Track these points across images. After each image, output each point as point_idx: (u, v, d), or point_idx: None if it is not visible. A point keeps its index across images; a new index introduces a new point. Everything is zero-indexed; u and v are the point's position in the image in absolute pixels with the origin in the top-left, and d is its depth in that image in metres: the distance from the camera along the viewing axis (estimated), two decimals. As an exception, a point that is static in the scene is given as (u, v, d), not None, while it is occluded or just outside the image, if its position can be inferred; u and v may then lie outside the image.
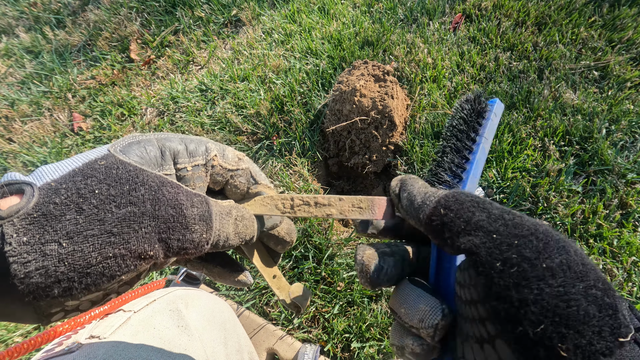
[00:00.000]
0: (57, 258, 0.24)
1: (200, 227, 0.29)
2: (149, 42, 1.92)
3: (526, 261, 0.21)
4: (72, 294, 0.25)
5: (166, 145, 0.33)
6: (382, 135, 1.23)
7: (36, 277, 0.23)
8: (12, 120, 1.80)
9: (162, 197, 0.28)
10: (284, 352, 0.92)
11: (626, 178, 1.06)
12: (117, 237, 0.25)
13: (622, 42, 1.31)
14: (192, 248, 0.29)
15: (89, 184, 0.26)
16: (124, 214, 0.26)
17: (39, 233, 0.24)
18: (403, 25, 1.56)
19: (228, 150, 0.37)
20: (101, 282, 0.25)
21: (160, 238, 0.27)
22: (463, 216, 0.25)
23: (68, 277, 0.24)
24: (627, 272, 0.95)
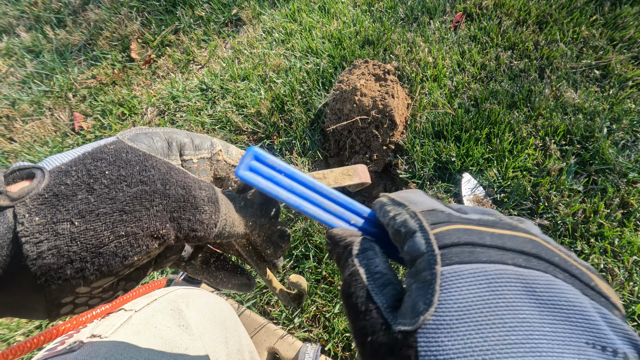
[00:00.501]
0: (69, 237, 0.23)
1: (210, 208, 0.29)
2: (150, 42, 1.92)
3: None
4: (84, 276, 0.24)
5: (173, 137, 0.33)
6: (383, 134, 1.23)
7: (49, 257, 0.23)
8: (13, 120, 1.80)
9: (172, 178, 0.28)
10: (285, 351, 0.92)
11: (627, 177, 1.06)
12: (129, 215, 0.25)
13: (624, 40, 1.31)
14: (201, 230, 0.29)
15: (99, 165, 0.26)
16: (136, 192, 0.26)
17: (51, 213, 0.23)
18: (404, 24, 1.55)
19: (232, 147, 0.38)
20: (114, 262, 0.25)
21: (172, 217, 0.27)
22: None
23: (80, 256, 0.24)
24: (629, 272, 0.95)
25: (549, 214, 1.05)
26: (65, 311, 0.27)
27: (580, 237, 1.01)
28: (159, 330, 0.59)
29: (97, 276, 0.25)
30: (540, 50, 1.34)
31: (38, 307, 0.26)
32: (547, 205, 1.06)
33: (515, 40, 1.38)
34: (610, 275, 0.95)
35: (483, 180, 1.14)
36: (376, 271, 0.23)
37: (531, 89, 1.25)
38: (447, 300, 0.18)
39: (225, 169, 0.36)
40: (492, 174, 1.14)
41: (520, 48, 1.36)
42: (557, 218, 1.04)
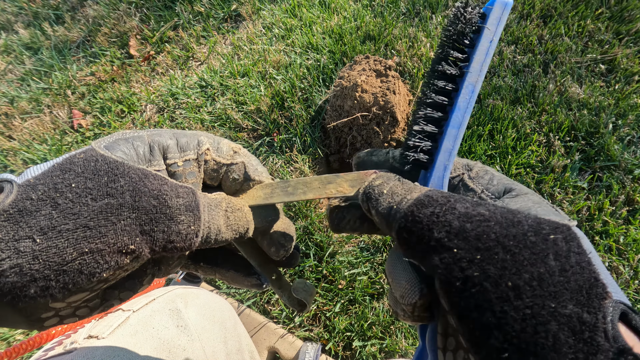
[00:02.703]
0: (31, 255, 0.23)
1: (187, 218, 0.28)
2: (149, 38, 1.90)
3: (489, 280, 0.19)
4: (51, 294, 0.23)
5: (155, 140, 0.32)
6: (384, 131, 1.21)
7: (11, 276, 0.22)
8: (12, 118, 1.80)
9: (144, 187, 0.26)
10: (285, 350, 0.91)
11: (633, 174, 1.04)
12: (93, 231, 0.24)
13: (630, 34, 1.28)
14: (180, 241, 0.27)
15: (66, 178, 0.25)
16: (100, 206, 0.24)
17: (13, 230, 0.23)
18: (405, 19, 1.53)
19: (223, 142, 0.35)
20: (80, 280, 0.24)
21: (143, 230, 0.26)
22: (424, 238, 0.23)
23: (44, 275, 0.23)
24: (634, 270, 0.93)
25: (552, 212, 1.04)
26: (50, 323, 0.26)
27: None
28: (157, 330, 0.58)
29: (65, 294, 0.24)
30: (544, 44, 1.32)
31: (18, 320, 0.25)
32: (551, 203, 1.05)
33: (519, 35, 1.35)
34: (615, 274, 0.94)
35: (486, 177, 1.13)
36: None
37: (535, 84, 1.23)
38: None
39: (217, 169, 0.34)
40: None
41: (524, 42, 1.34)
42: (561, 215, 1.02)
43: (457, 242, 0.21)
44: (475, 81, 0.29)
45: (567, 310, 0.17)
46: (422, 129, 0.30)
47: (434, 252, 0.22)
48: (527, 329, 0.17)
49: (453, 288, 0.20)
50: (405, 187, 0.27)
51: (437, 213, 0.23)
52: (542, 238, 0.20)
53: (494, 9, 0.28)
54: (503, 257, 0.19)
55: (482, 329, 0.18)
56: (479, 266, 0.19)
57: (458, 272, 0.20)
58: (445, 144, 0.29)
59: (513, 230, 0.20)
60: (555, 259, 0.19)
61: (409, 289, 0.25)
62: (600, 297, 0.18)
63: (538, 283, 0.18)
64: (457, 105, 0.29)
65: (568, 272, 0.18)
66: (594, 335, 0.17)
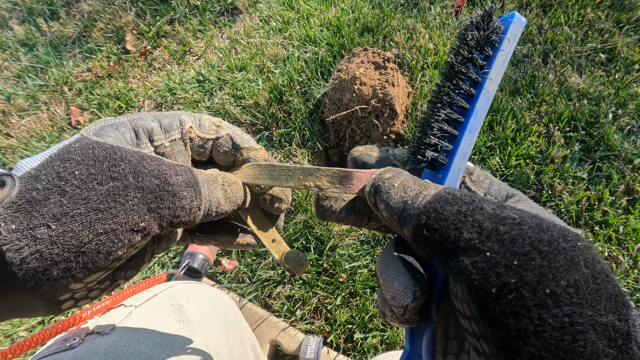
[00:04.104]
0: (48, 241, 0.24)
1: (189, 193, 0.29)
2: (145, 33, 1.88)
3: (526, 286, 0.18)
4: (72, 275, 0.25)
5: (139, 124, 0.33)
6: (383, 124, 1.20)
7: (32, 262, 0.23)
8: (9, 115, 1.79)
9: (143, 169, 0.28)
10: (287, 343, 0.92)
11: (633, 164, 1.04)
12: (104, 213, 0.25)
13: (631, 22, 1.27)
14: (185, 215, 0.29)
15: (68, 166, 0.26)
16: (107, 189, 0.26)
17: (27, 219, 0.24)
18: (403, 10, 1.51)
19: (204, 119, 0.36)
20: (98, 259, 0.25)
21: (150, 208, 0.27)
22: (450, 237, 0.21)
23: (64, 257, 0.24)
24: (633, 259, 0.94)
25: (552, 202, 1.04)
26: (67, 306, 0.28)
27: (584, 225, 0.99)
28: (160, 325, 0.58)
29: (85, 273, 0.25)
30: (544, 34, 1.30)
31: (37, 306, 0.26)
32: (550, 193, 1.05)
33: (519, 25, 1.34)
34: (615, 263, 0.94)
35: (485, 169, 1.12)
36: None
37: (534, 74, 1.22)
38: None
39: (202, 144, 0.35)
40: (495, 162, 1.12)
41: (523, 32, 1.33)
42: (560, 206, 1.02)
43: (491, 244, 0.20)
44: (492, 89, 0.30)
45: (603, 318, 0.17)
46: (441, 127, 0.30)
47: (463, 254, 0.21)
48: (566, 337, 0.17)
49: (487, 294, 0.19)
50: (419, 183, 0.26)
51: (464, 212, 0.22)
52: (571, 245, 0.19)
53: (514, 23, 0.29)
54: (540, 263, 0.19)
55: (518, 335, 0.18)
56: (516, 272, 0.19)
57: (494, 278, 0.19)
58: (462, 147, 0.29)
59: (545, 235, 0.20)
60: (586, 266, 0.19)
61: (401, 291, 0.25)
62: (626, 306, 0.18)
63: (575, 290, 0.18)
64: (474, 110, 0.29)
65: (598, 279, 0.18)
66: (629, 342, 0.17)
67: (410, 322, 0.26)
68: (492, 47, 0.30)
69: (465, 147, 0.30)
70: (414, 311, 0.25)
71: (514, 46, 0.30)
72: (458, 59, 0.30)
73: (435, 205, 0.23)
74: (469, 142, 0.30)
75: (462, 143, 0.29)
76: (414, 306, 0.24)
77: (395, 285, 0.25)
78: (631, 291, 0.92)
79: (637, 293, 0.91)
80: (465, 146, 0.30)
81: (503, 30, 0.30)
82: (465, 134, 0.29)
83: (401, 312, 0.25)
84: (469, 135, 0.29)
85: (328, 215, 0.31)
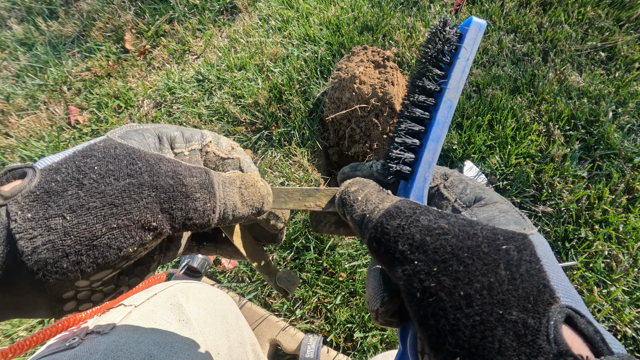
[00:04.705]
0: (62, 231, 0.24)
1: (202, 195, 0.29)
2: (144, 32, 1.88)
3: (444, 290, 0.20)
4: (81, 269, 0.25)
5: (163, 131, 0.34)
6: (383, 123, 1.20)
7: (44, 252, 0.23)
8: (8, 115, 1.78)
9: (160, 169, 0.28)
10: (287, 343, 0.92)
11: (633, 162, 1.04)
12: (119, 208, 0.26)
13: (631, 20, 1.27)
14: (198, 218, 0.29)
15: (88, 162, 0.27)
16: (123, 185, 0.26)
17: (43, 209, 0.24)
18: (403, 9, 1.51)
19: (222, 139, 0.38)
20: (109, 254, 0.25)
21: (163, 208, 0.27)
22: (390, 249, 0.24)
23: (75, 249, 0.24)
24: (633, 258, 0.94)
25: (552, 201, 1.04)
26: (69, 307, 0.28)
27: (584, 224, 0.99)
28: (159, 325, 0.58)
29: (94, 269, 0.25)
30: (544, 32, 1.30)
31: (40, 304, 0.26)
32: (550, 192, 1.04)
33: (518, 23, 1.34)
34: (615, 262, 0.94)
35: (485, 167, 1.12)
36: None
37: (534, 73, 1.22)
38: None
39: (214, 161, 0.36)
40: (495, 161, 1.12)
41: (523, 31, 1.32)
42: (560, 205, 1.02)
43: (418, 254, 0.23)
44: (453, 97, 0.31)
45: (512, 316, 0.19)
46: (403, 141, 0.31)
47: (398, 264, 0.23)
48: (476, 334, 0.19)
49: (414, 298, 0.21)
50: (380, 196, 0.29)
51: (402, 225, 0.24)
52: (494, 248, 0.21)
53: (470, 30, 0.30)
54: (457, 269, 0.21)
55: (438, 335, 0.20)
56: (435, 277, 0.21)
57: (417, 284, 0.21)
58: (426, 156, 0.31)
59: (468, 242, 0.22)
60: (506, 269, 0.20)
61: (372, 296, 0.27)
62: (546, 303, 0.19)
63: (488, 292, 0.20)
64: (436, 120, 0.31)
65: (517, 280, 0.20)
66: (536, 338, 0.18)
67: (390, 324, 0.28)
68: (450, 55, 0.31)
69: (429, 156, 0.31)
70: (385, 315, 0.27)
71: (474, 50, 0.30)
72: (416, 72, 0.32)
73: (382, 220, 0.25)
74: (432, 151, 0.31)
75: (426, 152, 0.31)
76: (383, 310, 0.26)
77: (369, 291, 0.27)
78: (631, 290, 0.92)
79: (637, 292, 0.91)
80: (429, 155, 0.31)
81: (461, 37, 0.30)
82: (429, 144, 0.31)
83: (374, 315, 0.27)
84: (432, 144, 0.31)
85: (320, 228, 0.34)
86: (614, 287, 0.92)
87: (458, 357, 0.19)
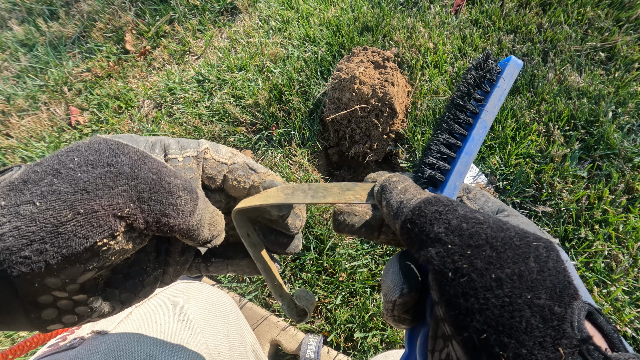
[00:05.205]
0: (29, 217, 0.23)
1: (185, 195, 0.28)
2: (144, 33, 1.88)
3: (476, 271, 0.22)
4: (46, 260, 0.23)
5: (157, 139, 0.33)
6: (383, 123, 1.20)
7: (9, 239, 0.23)
8: (9, 115, 1.79)
9: (144, 164, 0.27)
10: (287, 343, 0.92)
11: (633, 162, 1.04)
12: (90, 194, 0.24)
13: (630, 21, 1.27)
14: (175, 216, 0.28)
15: (71, 155, 0.26)
16: (100, 173, 0.25)
17: (16, 197, 0.24)
18: (403, 9, 1.51)
19: (221, 146, 0.36)
20: (74, 244, 0.24)
21: (140, 197, 0.26)
22: (425, 230, 0.26)
23: (40, 237, 0.23)
24: (633, 258, 0.94)
25: (552, 201, 1.04)
26: (48, 316, 0.26)
27: (584, 224, 0.99)
28: (160, 325, 0.58)
29: (59, 260, 0.24)
30: (543, 33, 1.30)
31: (16, 308, 0.25)
32: (550, 192, 1.05)
33: (518, 23, 1.34)
34: (615, 262, 0.94)
35: (485, 168, 1.13)
36: None
37: (534, 73, 1.22)
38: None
39: (216, 167, 0.35)
40: (495, 161, 1.12)
41: (523, 31, 1.33)
42: (560, 205, 1.02)
43: (453, 237, 0.24)
44: (489, 119, 0.35)
45: (540, 300, 0.20)
46: (439, 150, 0.35)
47: (431, 244, 0.25)
48: (505, 314, 0.20)
49: (445, 278, 0.23)
50: (418, 189, 0.30)
51: (440, 211, 0.26)
52: (525, 243, 0.23)
53: (509, 65, 0.35)
54: (490, 254, 0.22)
55: (467, 313, 0.21)
56: (468, 260, 0.22)
57: (450, 264, 0.23)
58: (458, 167, 0.34)
59: (501, 234, 0.23)
60: (535, 261, 0.22)
61: (391, 288, 0.28)
62: (571, 297, 0.20)
63: (518, 277, 0.21)
64: (471, 136, 0.35)
65: (545, 273, 0.21)
66: (562, 324, 0.19)
67: (403, 321, 0.29)
68: (489, 84, 0.35)
69: (461, 168, 0.34)
70: (402, 308, 0.28)
71: (510, 84, 0.35)
72: (458, 94, 0.36)
73: (420, 204, 0.27)
74: (465, 163, 0.34)
75: (459, 164, 0.34)
76: (401, 302, 0.27)
77: (388, 282, 0.29)
78: (631, 289, 0.92)
79: (636, 292, 0.91)
80: (462, 167, 0.34)
81: (500, 71, 0.35)
82: (462, 156, 0.34)
83: (390, 307, 0.28)
84: (465, 157, 0.34)
85: (342, 228, 0.34)
86: (614, 287, 0.92)
87: (485, 333, 0.20)
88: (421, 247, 0.25)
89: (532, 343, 0.19)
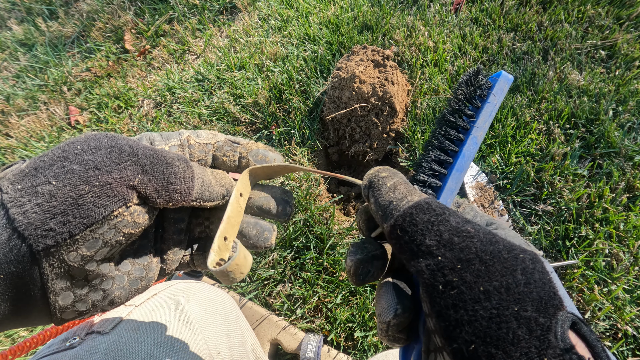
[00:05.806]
0: (48, 194, 0.26)
1: (182, 164, 0.32)
2: (144, 32, 1.88)
3: (465, 284, 0.22)
4: (69, 230, 0.26)
5: (142, 134, 0.36)
6: (383, 122, 1.20)
7: (32, 215, 0.25)
8: (9, 115, 1.79)
9: (140, 144, 0.31)
10: (288, 342, 0.92)
11: (633, 160, 1.04)
12: (101, 170, 0.27)
13: (631, 19, 1.26)
14: (179, 183, 0.31)
15: (72, 145, 0.29)
16: (105, 152, 0.28)
17: (32, 180, 0.26)
18: (403, 8, 1.51)
19: (201, 131, 0.39)
20: (94, 213, 0.27)
21: (145, 170, 0.29)
22: (416, 240, 0.26)
23: (62, 210, 0.26)
24: (634, 256, 0.94)
25: (552, 200, 1.04)
26: (64, 301, 0.28)
27: (584, 223, 0.99)
28: (160, 325, 0.58)
29: (81, 229, 0.26)
30: (544, 31, 1.30)
31: (35, 296, 0.27)
32: (551, 191, 1.04)
33: (518, 22, 1.34)
34: (616, 260, 0.94)
35: (485, 166, 1.12)
36: None
37: (534, 71, 1.22)
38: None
39: (202, 149, 0.38)
40: (495, 160, 1.12)
41: (523, 29, 1.32)
42: (561, 203, 1.02)
43: (444, 251, 0.24)
44: (479, 135, 0.35)
45: (526, 313, 0.21)
46: (430, 167, 0.35)
47: (422, 256, 0.25)
48: (492, 326, 0.21)
49: (435, 290, 0.23)
50: (408, 188, 0.30)
51: (432, 221, 0.26)
52: (513, 256, 0.24)
53: (500, 80, 0.35)
54: (479, 268, 0.23)
55: (456, 324, 0.22)
56: (458, 273, 0.23)
57: (441, 277, 0.23)
58: (449, 184, 0.34)
59: (490, 247, 0.24)
60: (522, 274, 0.23)
61: (385, 308, 0.28)
62: (555, 308, 0.21)
63: (505, 290, 0.22)
64: (462, 153, 0.34)
65: (531, 285, 0.22)
66: (547, 334, 0.20)
67: (397, 341, 0.30)
68: (480, 99, 0.35)
69: (452, 184, 0.34)
70: (396, 328, 0.28)
71: (501, 99, 0.35)
72: (449, 110, 0.35)
73: (412, 210, 0.27)
74: (456, 180, 0.34)
75: (450, 181, 0.34)
76: (395, 322, 0.28)
77: (382, 303, 0.29)
78: (632, 288, 0.91)
79: (637, 290, 0.91)
80: (453, 183, 0.34)
81: (490, 86, 0.35)
82: (453, 173, 0.34)
83: (385, 327, 0.28)
84: (457, 174, 0.34)
85: (368, 279, 0.33)
86: (614, 285, 0.92)
87: (474, 344, 0.21)
88: (412, 257, 0.26)
89: (519, 354, 0.19)
